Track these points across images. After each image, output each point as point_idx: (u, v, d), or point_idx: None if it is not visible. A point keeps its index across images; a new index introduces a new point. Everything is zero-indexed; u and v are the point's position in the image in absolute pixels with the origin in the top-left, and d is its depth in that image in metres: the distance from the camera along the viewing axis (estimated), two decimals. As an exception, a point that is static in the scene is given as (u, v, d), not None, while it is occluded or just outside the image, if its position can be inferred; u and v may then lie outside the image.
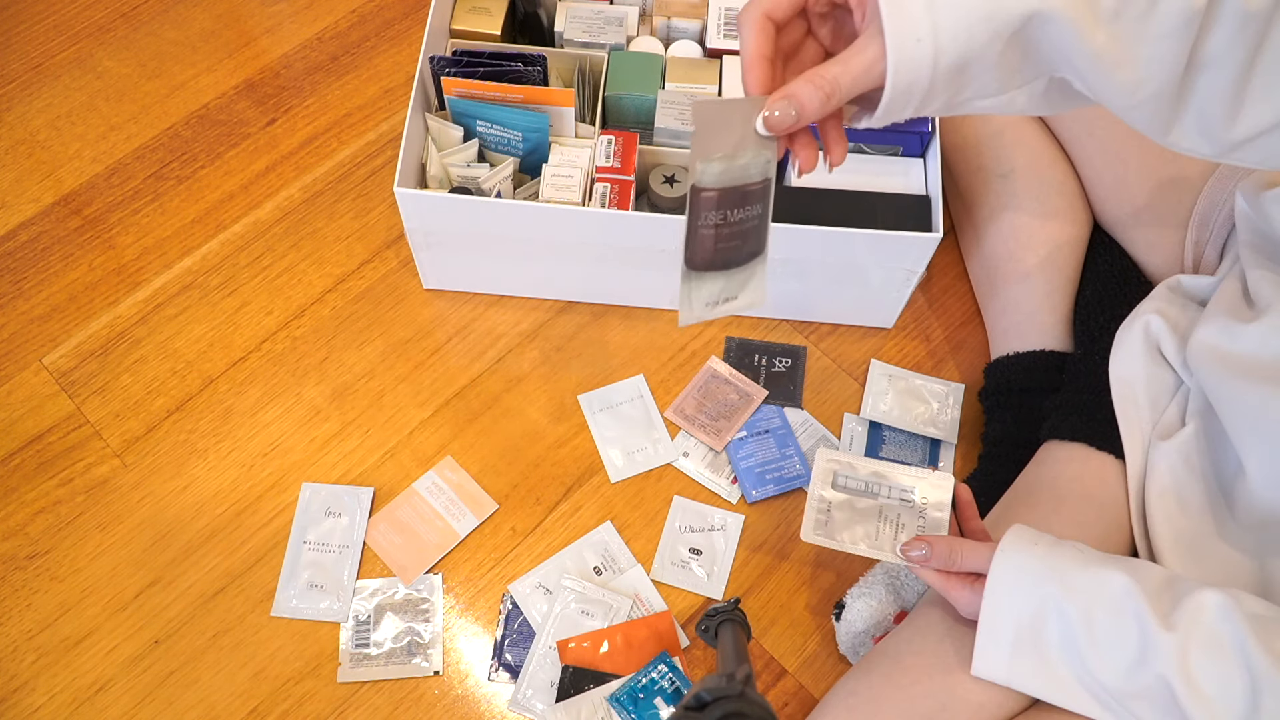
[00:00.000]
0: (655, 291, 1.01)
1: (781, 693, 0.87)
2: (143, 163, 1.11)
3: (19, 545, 0.91)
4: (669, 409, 0.98)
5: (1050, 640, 0.65)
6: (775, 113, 0.50)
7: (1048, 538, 0.68)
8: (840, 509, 0.76)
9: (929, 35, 0.47)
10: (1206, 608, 0.61)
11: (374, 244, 1.06)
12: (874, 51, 0.49)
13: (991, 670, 0.67)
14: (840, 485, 0.77)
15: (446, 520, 0.92)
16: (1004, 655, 0.66)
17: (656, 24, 1.04)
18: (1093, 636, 0.63)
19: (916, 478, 0.76)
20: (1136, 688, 0.62)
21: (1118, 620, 0.63)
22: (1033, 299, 0.93)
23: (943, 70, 0.49)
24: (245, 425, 0.97)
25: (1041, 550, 0.67)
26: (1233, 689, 0.59)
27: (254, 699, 0.85)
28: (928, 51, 0.48)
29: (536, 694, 0.85)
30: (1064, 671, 0.65)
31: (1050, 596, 0.64)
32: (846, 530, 0.75)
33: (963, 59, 0.49)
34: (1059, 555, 0.66)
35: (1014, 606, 0.66)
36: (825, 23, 0.54)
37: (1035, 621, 0.65)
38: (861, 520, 0.76)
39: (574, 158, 0.95)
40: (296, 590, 0.89)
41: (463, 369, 1.00)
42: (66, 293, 1.03)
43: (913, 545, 0.71)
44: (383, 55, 1.19)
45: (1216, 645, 0.60)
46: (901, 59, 0.48)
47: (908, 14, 0.47)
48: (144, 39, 1.19)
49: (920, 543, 0.70)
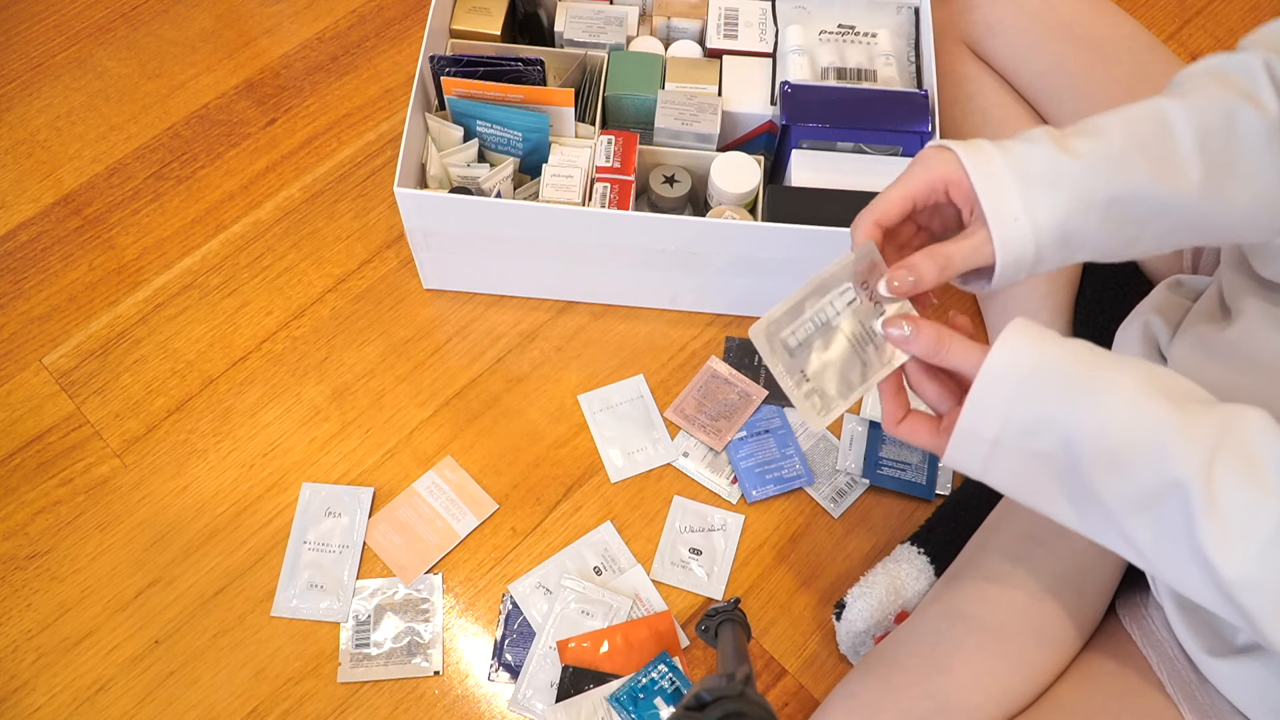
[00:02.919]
0: (655, 291, 1.01)
1: (781, 693, 0.87)
2: (143, 163, 1.11)
3: (19, 545, 0.91)
4: (669, 409, 0.98)
5: (1039, 447, 0.56)
6: (895, 282, 0.58)
7: (1053, 334, 0.58)
8: (817, 371, 0.62)
9: (1025, 217, 0.56)
10: (1245, 421, 0.53)
11: (374, 244, 1.06)
12: (983, 235, 0.57)
13: (966, 462, 0.59)
14: (795, 344, 0.62)
15: (446, 520, 0.92)
16: (983, 450, 0.57)
17: (656, 24, 1.04)
18: (1099, 447, 0.54)
19: (841, 274, 0.61)
20: (1140, 499, 0.54)
21: (1134, 424, 0.54)
22: (1033, 299, 0.93)
23: (1046, 242, 0.57)
24: (245, 425, 0.97)
25: (1048, 346, 0.57)
26: (1258, 519, 0.50)
27: (254, 699, 0.85)
28: (1027, 230, 0.56)
29: (536, 694, 0.85)
30: (1051, 483, 0.57)
31: (1051, 399, 0.55)
32: (837, 384, 0.62)
33: (1062, 233, 0.57)
34: (1066, 353, 0.57)
35: (1006, 402, 0.56)
36: (934, 218, 0.62)
37: (1030, 424, 0.56)
38: (843, 363, 0.62)
39: (574, 158, 0.95)
40: (296, 590, 0.89)
41: (463, 369, 1.00)
42: (66, 293, 1.03)
43: (895, 322, 0.60)
44: (383, 55, 1.19)
45: (1249, 466, 0.51)
46: (1004, 237, 0.56)
47: (1005, 207, 0.56)
48: (144, 39, 1.19)
49: (905, 321, 0.59)
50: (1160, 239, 0.60)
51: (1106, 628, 0.75)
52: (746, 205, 0.95)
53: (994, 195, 0.56)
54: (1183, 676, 0.67)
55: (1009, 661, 0.70)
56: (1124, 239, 0.59)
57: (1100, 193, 0.57)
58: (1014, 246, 0.56)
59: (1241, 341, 0.68)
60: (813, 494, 0.94)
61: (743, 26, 1.03)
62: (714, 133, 0.95)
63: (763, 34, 1.02)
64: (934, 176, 0.59)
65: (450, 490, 0.94)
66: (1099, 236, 0.58)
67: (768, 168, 1.00)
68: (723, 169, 0.94)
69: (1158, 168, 0.57)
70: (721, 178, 0.93)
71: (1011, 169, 0.57)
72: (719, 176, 0.94)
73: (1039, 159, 0.57)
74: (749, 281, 0.96)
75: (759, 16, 1.03)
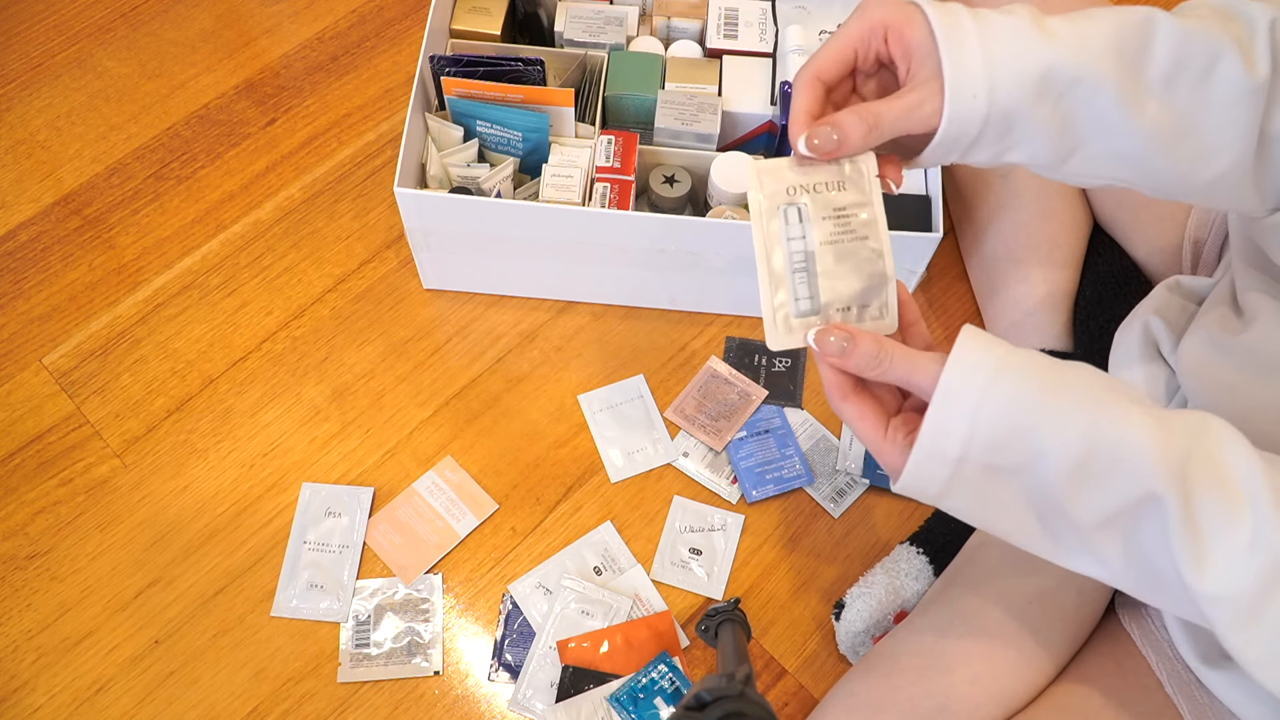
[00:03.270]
0: (655, 291, 1.01)
1: (781, 693, 0.87)
2: (143, 163, 1.11)
3: (19, 545, 0.91)
4: (669, 409, 0.98)
5: (1006, 462, 0.52)
6: (817, 140, 0.53)
7: (1004, 342, 0.53)
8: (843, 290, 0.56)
9: (984, 92, 0.51)
10: (1213, 430, 0.50)
11: (374, 244, 1.06)
12: (919, 94, 0.52)
13: (923, 486, 0.54)
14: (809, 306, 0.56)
15: (446, 520, 0.92)
16: (944, 472, 0.53)
17: (656, 24, 1.04)
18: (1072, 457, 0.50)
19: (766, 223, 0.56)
20: (1112, 511, 0.51)
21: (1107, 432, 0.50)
22: (1032, 299, 0.93)
23: (991, 124, 0.52)
24: (245, 425, 0.97)
25: (1007, 355, 0.52)
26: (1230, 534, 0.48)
27: (254, 699, 0.85)
28: (981, 103, 0.51)
29: (536, 694, 0.85)
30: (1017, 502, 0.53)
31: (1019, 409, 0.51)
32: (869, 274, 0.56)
33: (1009, 115, 0.52)
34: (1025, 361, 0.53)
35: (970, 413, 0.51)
36: (870, 80, 0.57)
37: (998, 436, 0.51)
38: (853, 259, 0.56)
39: (574, 158, 0.95)
40: (296, 590, 0.89)
41: (463, 369, 1.00)
42: (66, 293, 1.03)
43: (828, 333, 0.54)
44: (383, 55, 1.19)
45: (1221, 478, 0.49)
46: (956, 111, 0.51)
47: (966, 74, 0.51)
48: (144, 39, 1.19)
49: (839, 332, 0.53)
50: (1096, 162, 0.56)
51: (1106, 627, 0.75)
52: (746, 205, 0.95)
53: (957, 55, 0.51)
54: (1182, 676, 0.67)
55: (1009, 661, 0.70)
56: (1063, 149, 0.55)
57: (1059, 81, 0.52)
58: (963, 113, 0.52)
59: (1258, 344, 0.66)
60: (813, 494, 0.94)
61: (743, 26, 1.03)
62: (714, 133, 0.95)
63: (763, 34, 1.02)
64: (874, 21, 0.53)
65: (450, 490, 0.94)
66: (1041, 135, 0.54)
67: (768, 168, 1.00)
68: (723, 169, 0.94)
69: (1123, 83, 0.53)
70: (721, 178, 0.94)
71: (980, 34, 0.52)
72: (719, 176, 0.94)
73: (1011, 31, 0.52)
74: (749, 281, 0.96)
75: (759, 16, 1.03)
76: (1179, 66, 0.54)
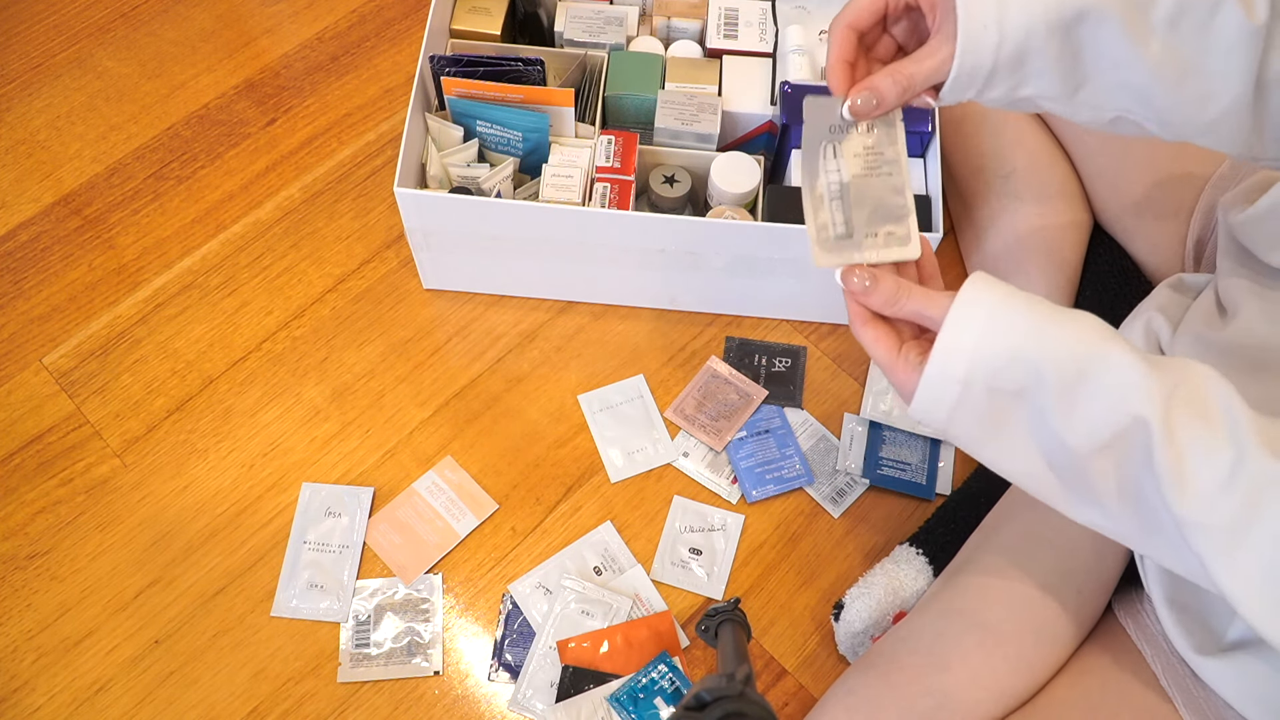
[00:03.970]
0: (655, 291, 1.01)
1: (781, 693, 0.87)
2: (143, 163, 1.11)
3: (19, 545, 0.91)
4: (669, 409, 0.98)
5: (1008, 386, 0.56)
6: (859, 101, 0.58)
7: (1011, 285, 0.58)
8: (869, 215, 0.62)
9: (995, 24, 0.55)
10: (1196, 369, 0.54)
11: (374, 244, 1.06)
12: (946, 52, 0.56)
13: (932, 408, 0.58)
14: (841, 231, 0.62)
15: (446, 520, 0.92)
16: (952, 392, 0.57)
17: (656, 24, 1.04)
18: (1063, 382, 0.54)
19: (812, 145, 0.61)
20: (1104, 438, 0.54)
21: (1100, 355, 0.54)
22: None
23: (1004, 58, 0.55)
24: (245, 425, 0.97)
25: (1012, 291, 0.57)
26: (1211, 463, 0.51)
27: (254, 699, 0.85)
28: (993, 39, 0.55)
29: (536, 694, 0.85)
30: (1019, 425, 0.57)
31: (1019, 331, 0.55)
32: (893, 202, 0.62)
33: (1021, 50, 0.55)
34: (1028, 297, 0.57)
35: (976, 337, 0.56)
36: (899, 22, 0.61)
37: (1000, 356, 0.56)
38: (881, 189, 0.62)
39: (574, 158, 0.95)
40: (296, 590, 0.89)
41: (463, 369, 1.00)
42: (66, 293, 1.03)
43: (852, 272, 0.59)
44: (383, 55, 1.19)
45: (1203, 410, 0.52)
46: (969, 43, 0.55)
47: (978, 9, 0.55)
48: (144, 39, 1.19)
49: (863, 271, 0.59)
50: (1105, 93, 0.59)
51: (1103, 624, 0.75)
52: (746, 205, 0.95)
53: None
54: (1177, 671, 0.67)
55: (1008, 659, 0.70)
56: (1072, 82, 0.58)
57: (1067, 10, 0.55)
58: (977, 44, 0.55)
59: (1239, 339, 0.67)
60: (813, 494, 0.94)
61: (743, 26, 1.03)
62: (714, 133, 0.96)
63: (763, 34, 1.02)
64: None
65: (450, 490, 0.94)
66: (1052, 70, 0.57)
67: (768, 168, 1.00)
68: (723, 169, 0.94)
69: (1128, 19, 0.56)
70: (721, 178, 0.94)
71: None
72: (719, 176, 0.94)
73: None
74: (749, 281, 0.96)
75: (759, 16, 1.03)
76: (1182, 9, 0.56)
